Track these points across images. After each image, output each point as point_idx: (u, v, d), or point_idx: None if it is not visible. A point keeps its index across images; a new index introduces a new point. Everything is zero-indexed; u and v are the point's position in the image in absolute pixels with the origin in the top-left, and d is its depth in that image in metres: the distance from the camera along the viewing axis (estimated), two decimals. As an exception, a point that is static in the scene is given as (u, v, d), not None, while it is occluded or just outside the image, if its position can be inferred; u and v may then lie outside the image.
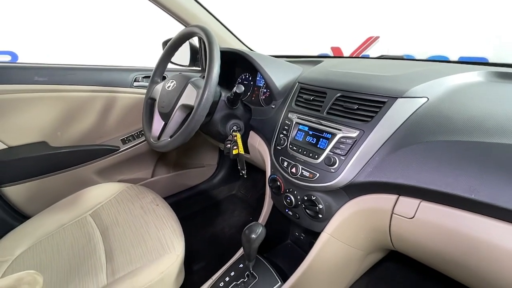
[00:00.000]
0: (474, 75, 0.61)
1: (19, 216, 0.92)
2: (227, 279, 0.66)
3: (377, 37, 2.97)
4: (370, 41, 3.05)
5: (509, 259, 0.40)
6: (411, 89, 0.55)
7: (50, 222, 0.77)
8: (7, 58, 2.84)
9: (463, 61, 0.84)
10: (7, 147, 0.86)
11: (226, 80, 0.97)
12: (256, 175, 1.36)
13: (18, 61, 2.75)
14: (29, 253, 0.69)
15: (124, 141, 1.06)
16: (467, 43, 2.32)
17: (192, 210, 1.31)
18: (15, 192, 0.89)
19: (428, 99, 0.55)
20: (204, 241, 1.13)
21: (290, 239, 0.84)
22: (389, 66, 0.77)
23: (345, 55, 3.35)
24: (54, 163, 0.94)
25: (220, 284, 0.65)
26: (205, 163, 1.37)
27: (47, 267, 0.64)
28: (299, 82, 0.75)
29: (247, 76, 1.00)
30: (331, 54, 3.38)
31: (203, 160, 1.35)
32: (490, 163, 0.41)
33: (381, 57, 1.02)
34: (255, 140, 0.83)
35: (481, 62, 0.72)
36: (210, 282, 0.67)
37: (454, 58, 2.38)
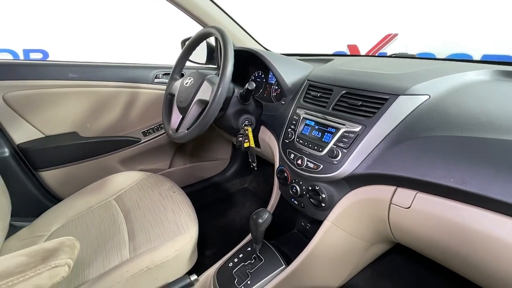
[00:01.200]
0: (480, 74, 0.63)
1: (53, 198, 1.02)
2: (235, 260, 0.72)
3: (395, 35, 2.91)
4: (388, 38, 2.99)
5: (499, 248, 0.43)
6: (413, 87, 0.57)
7: (79, 204, 0.87)
8: (39, 55, 3.06)
9: (478, 60, 0.84)
10: (44, 136, 0.96)
11: (240, 77, 1.02)
12: (268, 169, 1.41)
13: (49, 59, 2.96)
14: (62, 230, 0.79)
15: (144, 134, 1.14)
16: (491, 40, 2.23)
17: (206, 201, 1.38)
18: (50, 176, 1.00)
19: (429, 96, 0.57)
20: (216, 229, 1.20)
21: (297, 229, 0.89)
22: (397, 65, 0.79)
23: (362, 53, 3.31)
24: (83, 152, 1.04)
25: (229, 264, 0.71)
26: (219, 157, 1.44)
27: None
28: (308, 80, 0.79)
29: (260, 74, 1.05)
30: (348, 52, 3.35)
31: (217, 154, 1.42)
32: (481, 157, 0.44)
33: (392, 56, 1.04)
34: (265, 134, 0.88)
35: (497, 61, 0.72)
36: (220, 262, 0.73)
37: (478, 56, 2.30)
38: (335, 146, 0.61)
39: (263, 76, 1.04)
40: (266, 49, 1.20)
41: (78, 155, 1.03)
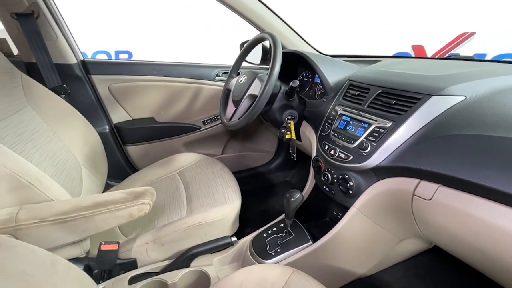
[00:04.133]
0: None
1: (133, 168, 1.31)
2: (269, 232, 0.83)
3: (472, 34, 2.62)
4: (462, 38, 2.71)
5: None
6: (448, 88, 0.60)
7: (152, 174, 1.10)
8: (126, 55, 3.69)
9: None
10: (131, 118, 1.24)
11: (288, 76, 1.12)
12: (309, 166, 1.48)
13: (132, 58, 3.56)
14: (140, 191, 1.02)
15: (204, 123, 1.35)
16: None
17: (250, 187, 1.53)
18: (133, 150, 1.28)
19: (465, 97, 0.59)
20: (256, 212, 1.34)
21: (329, 217, 0.96)
22: (443, 66, 0.79)
23: (429, 54, 3.05)
24: (157, 134, 1.29)
25: (264, 235, 0.83)
26: (265, 149, 1.57)
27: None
28: (349, 80, 0.85)
29: (307, 74, 1.14)
30: (412, 53, 3.13)
31: (263, 146, 1.55)
32: (508, 155, 0.46)
33: (448, 58, 1.01)
34: (306, 128, 0.97)
35: None
36: (257, 232, 0.86)
37: None
38: (365, 140, 0.68)
39: (310, 76, 1.13)
40: (318, 51, 1.28)
41: (153, 136, 1.29)
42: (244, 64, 1.10)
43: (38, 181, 0.57)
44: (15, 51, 1.23)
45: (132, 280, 0.69)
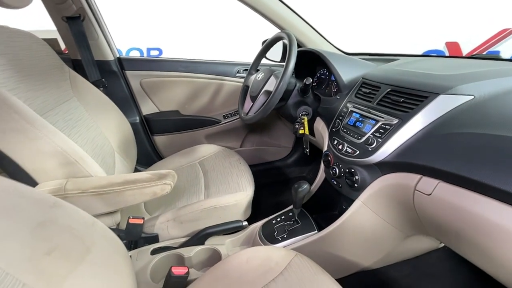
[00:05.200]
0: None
1: (159, 156, 1.43)
2: (278, 219, 0.89)
3: (514, 30, 2.44)
4: (503, 34, 2.54)
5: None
6: (456, 87, 0.61)
7: (175, 162, 1.20)
8: (156, 52, 3.91)
9: None
10: (159, 111, 1.36)
11: (305, 74, 1.16)
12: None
13: (162, 55, 3.78)
14: (164, 176, 1.13)
15: (224, 117, 1.43)
16: None
17: (265, 181, 1.59)
18: (159, 140, 1.40)
19: (474, 97, 0.60)
20: (269, 204, 1.40)
21: (338, 211, 0.99)
22: (459, 65, 0.79)
23: (464, 51, 2.88)
24: (181, 125, 1.40)
25: (273, 221, 0.89)
26: (282, 144, 1.62)
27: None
28: (362, 78, 0.88)
29: (324, 71, 1.17)
30: (445, 50, 2.97)
31: (280, 141, 1.60)
32: (505, 153, 0.47)
33: (471, 57, 0.99)
34: (319, 124, 1.01)
35: None
36: (266, 219, 0.93)
37: None
38: (372, 136, 0.71)
39: (327, 73, 1.16)
40: (340, 50, 1.30)
41: (178, 127, 1.40)
42: (265, 61, 1.16)
43: (81, 159, 0.68)
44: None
45: (154, 252, 0.79)
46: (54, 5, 1.03)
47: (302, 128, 0.99)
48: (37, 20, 1.33)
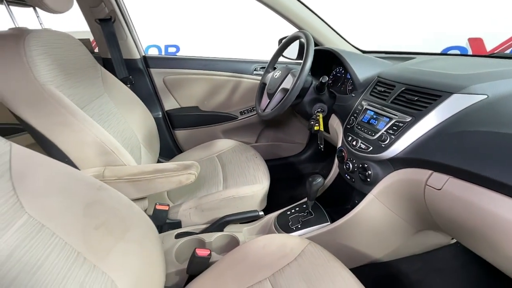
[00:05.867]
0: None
1: (179, 149, 1.51)
2: (293, 211, 0.94)
3: (544, 26, 2.33)
4: (531, 30, 2.43)
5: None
6: (469, 87, 0.63)
7: (195, 155, 1.27)
8: (174, 49, 4.03)
9: None
10: (180, 106, 1.43)
11: (323, 72, 1.19)
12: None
13: (179, 52, 3.88)
14: (185, 168, 1.20)
15: (241, 113, 1.48)
16: None
17: (279, 176, 1.64)
18: (179, 134, 1.48)
19: (487, 96, 0.62)
20: (283, 198, 1.45)
21: (350, 205, 1.03)
22: (477, 64, 0.79)
23: (488, 48, 2.78)
24: (201, 121, 1.47)
25: (288, 212, 0.94)
26: (297, 140, 1.65)
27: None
28: (378, 76, 0.90)
29: (340, 70, 1.20)
30: (468, 47, 2.88)
31: (295, 138, 1.64)
32: None
33: (490, 56, 0.99)
34: (334, 121, 1.04)
35: None
36: (282, 210, 0.98)
37: None
38: (385, 133, 0.74)
39: (342, 71, 1.18)
40: (357, 48, 1.31)
41: (197, 122, 1.47)
42: (282, 59, 1.20)
43: (117, 149, 0.76)
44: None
45: (178, 236, 0.86)
46: (88, 8, 1.12)
47: (317, 124, 1.03)
48: (63, 22, 1.42)
